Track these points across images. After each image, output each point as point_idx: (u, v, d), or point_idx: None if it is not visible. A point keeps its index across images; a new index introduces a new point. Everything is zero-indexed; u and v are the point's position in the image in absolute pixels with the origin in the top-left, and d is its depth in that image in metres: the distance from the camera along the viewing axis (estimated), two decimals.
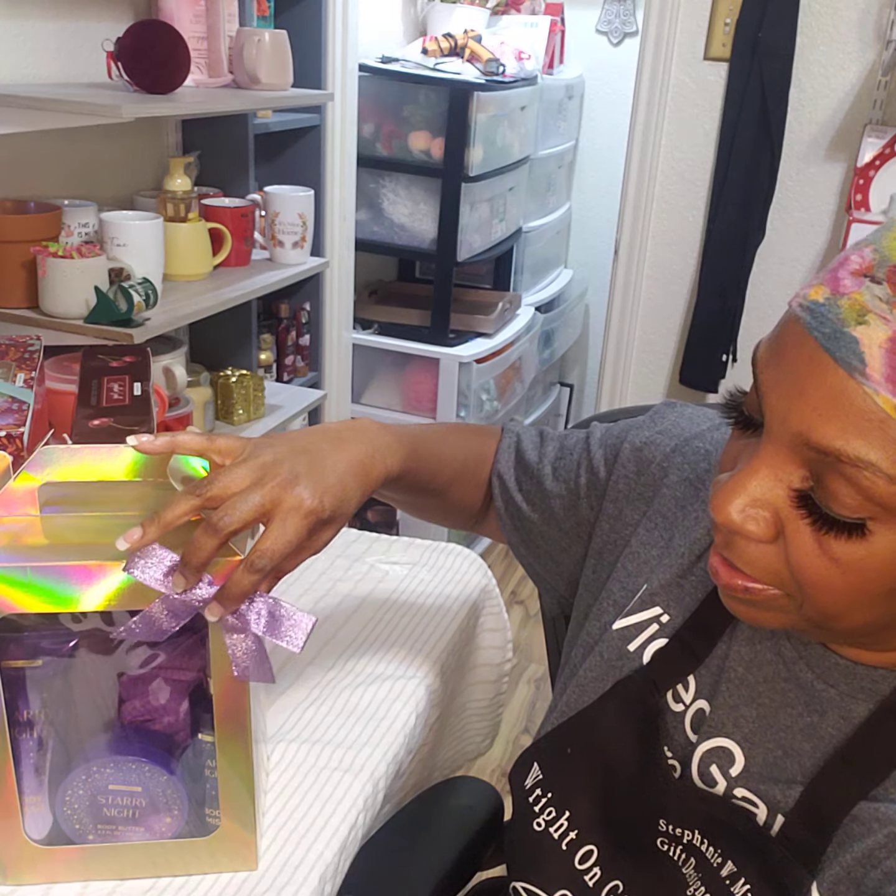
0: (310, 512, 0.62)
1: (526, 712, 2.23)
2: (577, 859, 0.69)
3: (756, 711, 0.65)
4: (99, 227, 1.55)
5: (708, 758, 0.66)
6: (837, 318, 0.49)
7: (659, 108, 2.43)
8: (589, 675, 0.73)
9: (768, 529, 0.54)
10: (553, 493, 0.81)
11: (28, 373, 0.97)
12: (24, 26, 1.49)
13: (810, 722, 0.62)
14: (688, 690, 0.68)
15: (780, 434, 0.52)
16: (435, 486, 0.80)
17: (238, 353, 1.98)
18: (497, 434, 0.88)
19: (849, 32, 2.24)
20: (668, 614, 0.70)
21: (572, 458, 0.81)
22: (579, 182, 3.48)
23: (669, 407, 0.80)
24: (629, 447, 0.77)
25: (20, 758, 0.66)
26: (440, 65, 2.45)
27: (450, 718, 1.04)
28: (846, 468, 0.49)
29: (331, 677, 0.91)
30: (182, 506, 0.60)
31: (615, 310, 2.65)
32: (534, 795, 0.72)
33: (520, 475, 0.84)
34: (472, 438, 0.86)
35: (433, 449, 0.79)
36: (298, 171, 2.14)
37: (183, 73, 1.52)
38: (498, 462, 0.85)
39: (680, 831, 0.65)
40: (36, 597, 0.60)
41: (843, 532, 0.51)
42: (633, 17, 3.21)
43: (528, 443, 0.85)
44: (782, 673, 0.64)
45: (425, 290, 2.66)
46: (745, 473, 0.54)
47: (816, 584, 0.53)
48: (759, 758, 0.64)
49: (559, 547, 0.82)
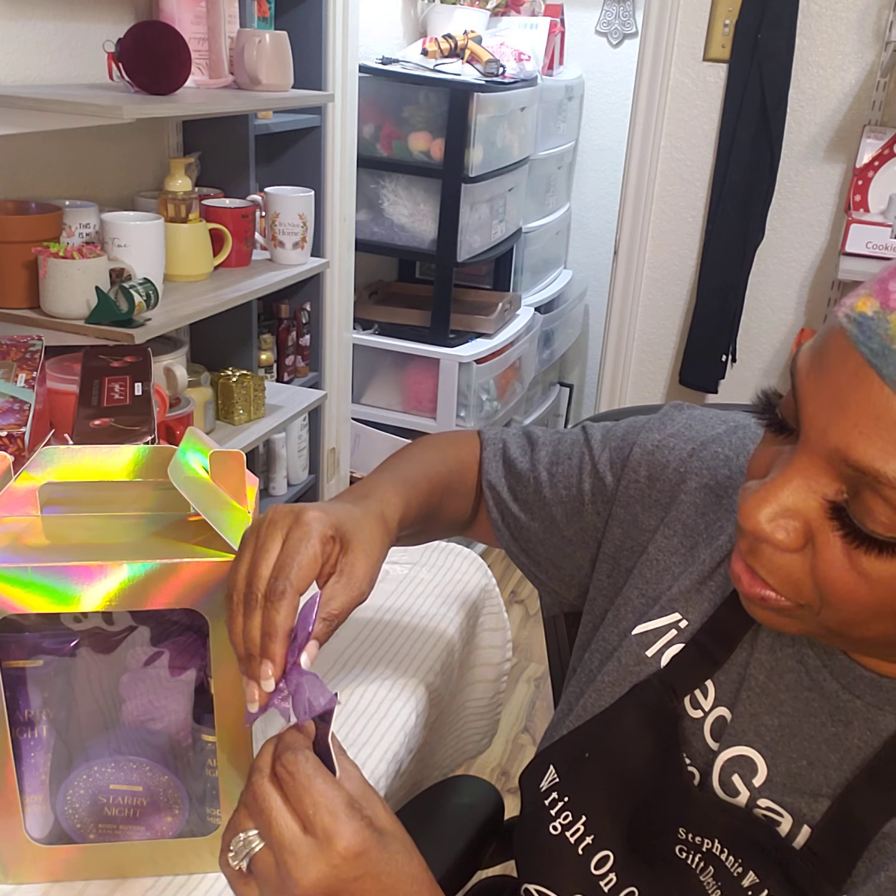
0: (309, 521, 0.61)
1: (525, 711, 2.23)
2: (592, 864, 0.69)
3: (778, 720, 0.64)
4: (100, 227, 1.55)
5: (730, 767, 0.65)
6: (886, 333, 0.47)
7: (658, 109, 2.43)
8: (606, 679, 0.72)
9: (797, 539, 0.53)
10: (553, 501, 0.80)
11: (29, 373, 0.97)
12: (24, 27, 1.49)
13: (835, 732, 0.61)
14: (707, 697, 0.67)
15: (818, 446, 0.51)
16: (424, 519, 0.78)
17: (238, 354, 1.98)
18: (473, 439, 0.86)
19: (848, 34, 2.25)
20: (687, 619, 0.70)
21: (571, 462, 0.79)
22: (579, 183, 3.48)
23: (678, 409, 0.79)
24: (639, 451, 0.76)
25: (21, 757, 0.66)
26: (440, 66, 2.45)
27: (449, 717, 1.04)
28: (884, 488, 0.48)
29: (330, 677, 0.91)
30: None
31: (615, 310, 2.65)
32: (550, 798, 0.71)
33: (513, 484, 0.82)
34: (448, 451, 0.84)
35: (421, 484, 0.76)
36: (299, 171, 2.14)
37: (184, 74, 1.52)
38: (487, 473, 0.84)
39: (700, 839, 0.65)
40: (37, 597, 0.60)
41: (874, 548, 0.50)
42: (633, 18, 3.21)
43: (516, 449, 0.83)
44: (805, 682, 0.63)
45: (425, 290, 2.67)
46: (778, 482, 0.53)
47: (842, 596, 0.52)
48: (781, 767, 0.63)
49: (562, 553, 0.81)
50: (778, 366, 2.58)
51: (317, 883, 0.49)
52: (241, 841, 0.51)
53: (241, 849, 0.51)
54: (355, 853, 0.50)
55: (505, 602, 1.33)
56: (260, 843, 0.51)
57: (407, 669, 0.93)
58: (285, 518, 0.60)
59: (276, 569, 0.58)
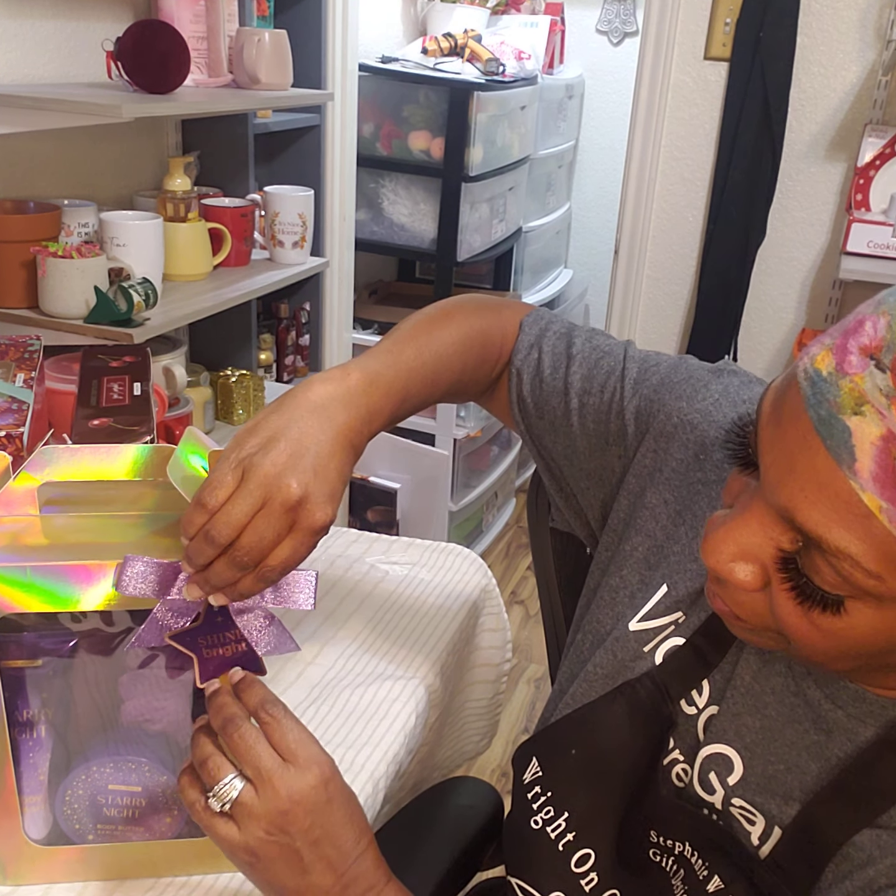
0: (323, 528, 0.60)
1: (525, 712, 2.23)
2: (573, 862, 0.69)
3: (760, 722, 0.64)
4: (99, 226, 1.55)
5: (707, 764, 0.65)
6: (836, 401, 0.47)
7: (659, 107, 2.43)
8: (599, 671, 0.72)
9: (755, 581, 0.53)
10: (579, 432, 0.77)
11: (28, 373, 0.97)
12: (23, 26, 1.49)
13: (817, 741, 0.61)
14: (701, 695, 0.67)
15: (772, 498, 0.51)
16: (430, 403, 0.76)
17: (238, 353, 1.98)
18: (518, 316, 0.82)
19: (849, 32, 2.24)
20: (686, 615, 0.69)
21: (602, 397, 0.76)
22: (579, 182, 3.48)
23: (716, 375, 0.75)
24: (664, 418, 0.73)
25: (20, 758, 0.66)
26: (440, 64, 2.45)
27: (449, 718, 1.04)
28: (826, 554, 0.48)
29: (331, 677, 0.91)
30: (202, 553, 0.59)
31: (615, 310, 2.65)
32: (532, 792, 0.71)
33: (541, 403, 0.79)
34: (487, 321, 0.80)
35: (428, 378, 0.73)
36: (298, 170, 2.14)
37: (183, 72, 1.51)
38: (521, 381, 0.80)
39: (671, 843, 0.65)
40: (36, 597, 0.60)
41: (818, 605, 0.51)
42: (634, 16, 3.21)
43: (550, 363, 0.79)
44: (791, 687, 0.63)
45: (425, 290, 2.67)
46: (738, 524, 0.53)
47: (800, 641, 0.53)
48: (758, 768, 0.63)
49: (579, 486, 0.80)
50: (778, 366, 2.58)
51: (299, 800, 0.58)
52: (224, 785, 0.58)
53: (225, 793, 0.58)
54: (326, 779, 0.59)
55: (505, 603, 1.33)
56: (241, 785, 0.58)
57: (407, 670, 0.93)
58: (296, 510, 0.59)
59: (262, 555, 0.59)
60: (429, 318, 0.78)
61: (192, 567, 0.59)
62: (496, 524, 2.96)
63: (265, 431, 0.61)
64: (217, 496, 0.58)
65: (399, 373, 0.70)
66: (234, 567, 0.59)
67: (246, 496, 0.58)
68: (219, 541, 0.58)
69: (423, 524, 2.58)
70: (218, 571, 0.59)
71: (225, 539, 0.58)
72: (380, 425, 0.68)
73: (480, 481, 2.74)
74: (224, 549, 0.58)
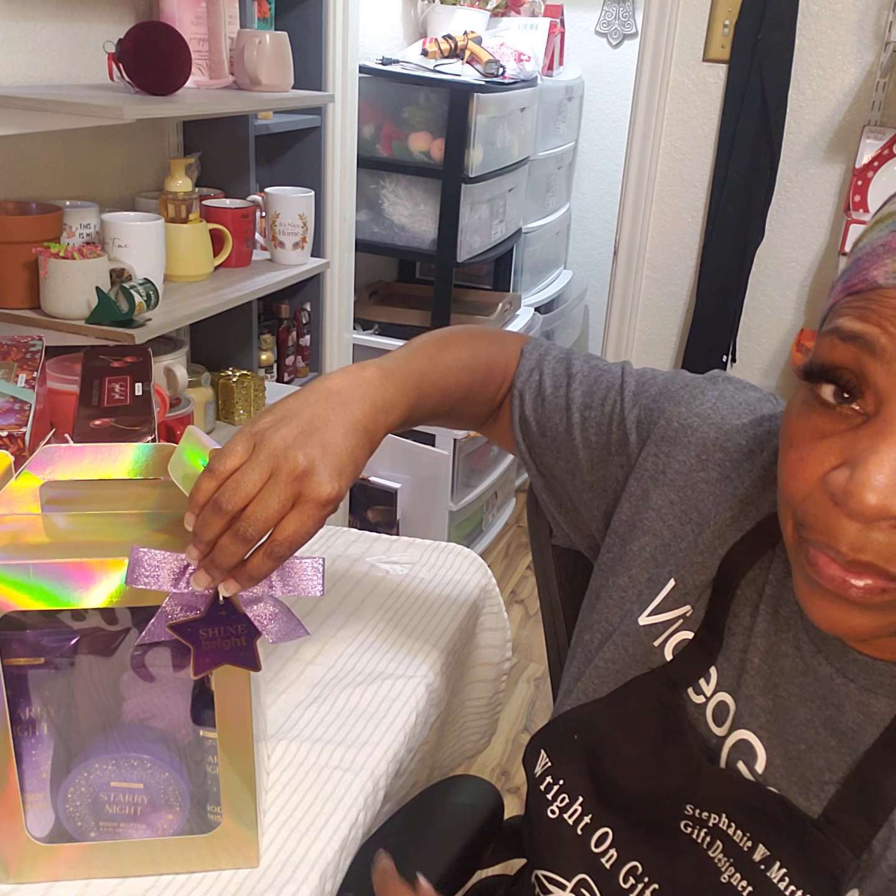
0: (329, 501, 0.61)
1: (525, 711, 2.23)
2: (592, 842, 0.70)
3: (772, 703, 0.64)
4: (100, 227, 1.55)
5: (734, 753, 0.66)
6: None
7: (658, 109, 2.43)
8: (610, 666, 0.72)
9: None
10: (581, 445, 0.78)
11: (30, 373, 0.97)
12: (25, 28, 1.49)
13: (829, 716, 0.62)
14: (709, 683, 0.68)
15: None
16: (440, 413, 0.79)
17: (239, 354, 1.98)
18: (518, 344, 0.85)
19: (847, 34, 2.25)
20: (693, 608, 0.70)
21: (603, 410, 0.78)
22: (579, 183, 3.49)
23: (712, 382, 0.77)
24: (664, 423, 0.74)
25: (22, 756, 0.66)
26: (440, 66, 2.45)
27: (449, 717, 1.04)
28: None
29: (331, 676, 0.92)
30: (209, 525, 0.60)
31: (615, 310, 2.65)
32: (545, 783, 0.72)
33: (542, 420, 0.81)
34: (492, 348, 0.83)
35: (439, 384, 0.76)
36: (299, 172, 2.14)
37: (184, 74, 1.52)
38: (523, 402, 0.82)
39: (706, 815, 0.65)
40: (37, 595, 0.60)
41: None
42: (633, 18, 3.21)
43: (551, 382, 0.82)
44: (799, 666, 0.64)
45: (425, 290, 2.67)
46: (882, 457, 0.50)
47: None
48: (779, 749, 0.64)
49: (580, 499, 0.80)
50: (778, 366, 2.58)
51: None
52: None
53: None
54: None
55: (505, 602, 1.33)
56: None
57: (407, 669, 0.94)
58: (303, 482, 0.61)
59: (268, 527, 0.60)
60: (437, 339, 0.81)
61: (199, 546, 0.60)
62: (496, 524, 2.97)
63: (280, 412, 0.64)
64: (226, 463, 0.60)
65: (412, 373, 0.73)
66: (240, 541, 0.59)
67: (255, 466, 0.60)
68: (226, 507, 0.59)
69: (423, 524, 2.59)
70: (224, 547, 0.59)
71: (232, 506, 0.59)
72: (396, 418, 0.70)
73: (480, 481, 2.75)
74: (230, 524, 0.59)
